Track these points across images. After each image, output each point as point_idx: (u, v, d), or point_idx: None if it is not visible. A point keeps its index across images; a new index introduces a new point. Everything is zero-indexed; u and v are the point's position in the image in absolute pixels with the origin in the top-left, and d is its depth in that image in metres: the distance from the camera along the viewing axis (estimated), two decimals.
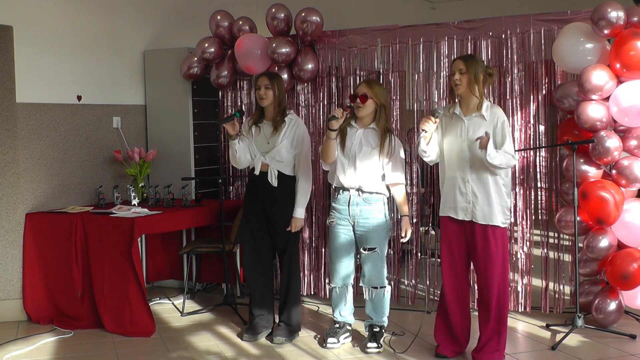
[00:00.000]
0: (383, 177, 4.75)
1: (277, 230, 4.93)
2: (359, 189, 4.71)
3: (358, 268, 4.95)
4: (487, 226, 4.37)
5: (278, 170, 4.88)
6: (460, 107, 4.45)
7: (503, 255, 4.43)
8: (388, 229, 4.81)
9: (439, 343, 4.62)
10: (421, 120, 4.50)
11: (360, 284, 4.84)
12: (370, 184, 4.71)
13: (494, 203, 4.36)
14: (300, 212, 4.88)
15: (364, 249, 4.74)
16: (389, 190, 4.81)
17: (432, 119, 4.40)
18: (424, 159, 4.54)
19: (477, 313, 4.54)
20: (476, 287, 4.56)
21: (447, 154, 4.47)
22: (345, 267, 4.82)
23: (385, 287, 4.79)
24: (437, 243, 6.28)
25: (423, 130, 4.39)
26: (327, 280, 5.77)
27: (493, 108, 4.44)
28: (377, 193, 4.73)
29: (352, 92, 5.36)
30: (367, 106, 4.68)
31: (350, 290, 4.89)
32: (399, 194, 4.78)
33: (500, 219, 4.37)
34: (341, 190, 4.77)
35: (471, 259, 4.50)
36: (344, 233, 4.78)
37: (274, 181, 4.88)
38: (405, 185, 5.90)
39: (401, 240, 4.82)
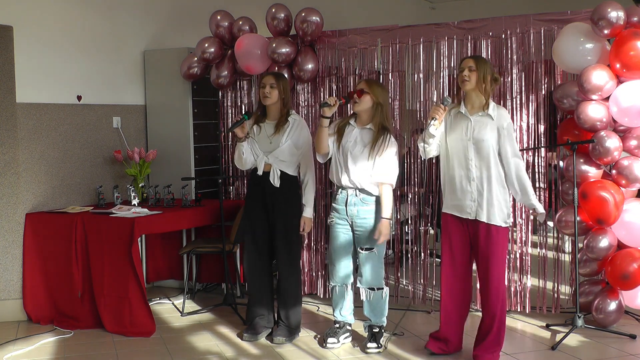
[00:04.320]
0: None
1: (278, 230, 4.93)
2: (355, 189, 4.70)
3: (356, 269, 4.95)
4: (490, 225, 4.36)
5: (281, 170, 4.89)
6: (465, 106, 4.46)
7: (503, 255, 4.43)
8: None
9: (430, 338, 4.62)
10: (431, 109, 4.50)
11: (358, 285, 4.83)
12: (365, 184, 4.69)
13: (498, 201, 4.36)
14: (310, 212, 4.91)
15: (362, 249, 4.73)
16: None
17: (442, 106, 4.41)
18: (426, 149, 4.49)
19: (477, 313, 4.54)
20: (478, 287, 4.54)
21: (451, 152, 4.46)
22: (345, 266, 4.82)
23: (383, 288, 4.78)
24: (437, 243, 6.28)
25: (433, 118, 4.40)
26: (327, 280, 5.76)
27: (499, 109, 4.45)
28: (374, 194, 4.72)
29: (350, 90, 5.37)
30: (363, 102, 4.66)
31: (350, 289, 4.89)
32: (383, 194, 4.67)
33: (502, 218, 4.37)
34: (340, 190, 4.76)
35: (474, 257, 4.49)
36: (342, 233, 4.77)
37: (276, 181, 4.87)
38: (405, 186, 5.95)
39: (379, 242, 4.67)
